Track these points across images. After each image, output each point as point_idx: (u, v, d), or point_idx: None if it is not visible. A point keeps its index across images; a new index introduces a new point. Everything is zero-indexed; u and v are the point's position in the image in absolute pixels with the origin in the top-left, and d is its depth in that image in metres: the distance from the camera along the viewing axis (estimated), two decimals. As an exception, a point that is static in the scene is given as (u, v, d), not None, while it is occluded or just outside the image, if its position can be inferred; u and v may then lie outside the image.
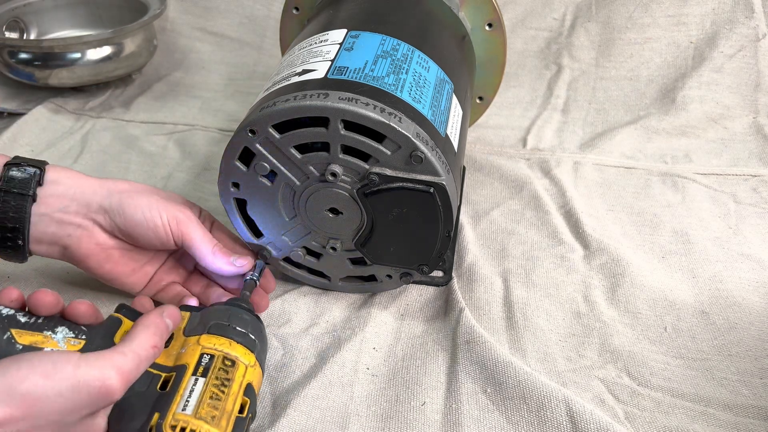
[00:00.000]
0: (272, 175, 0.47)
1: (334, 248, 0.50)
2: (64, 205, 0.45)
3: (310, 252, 0.52)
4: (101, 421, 0.35)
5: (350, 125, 0.43)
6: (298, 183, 0.47)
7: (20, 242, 0.45)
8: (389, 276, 0.51)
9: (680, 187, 0.68)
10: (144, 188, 0.48)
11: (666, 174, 0.70)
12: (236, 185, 0.48)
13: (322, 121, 0.43)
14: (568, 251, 0.58)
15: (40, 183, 0.45)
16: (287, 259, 0.53)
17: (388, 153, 0.43)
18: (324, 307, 0.53)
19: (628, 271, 0.55)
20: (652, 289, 0.54)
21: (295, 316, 0.52)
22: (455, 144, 0.49)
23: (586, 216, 0.62)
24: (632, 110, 0.81)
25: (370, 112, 0.42)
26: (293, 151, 0.45)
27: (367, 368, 0.47)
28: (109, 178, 0.49)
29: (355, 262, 0.51)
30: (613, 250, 0.57)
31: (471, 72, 0.62)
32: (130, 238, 0.47)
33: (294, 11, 0.66)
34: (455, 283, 0.54)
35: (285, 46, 0.69)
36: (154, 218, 0.45)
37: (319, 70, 0.46)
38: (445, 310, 0.52)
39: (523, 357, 0.48)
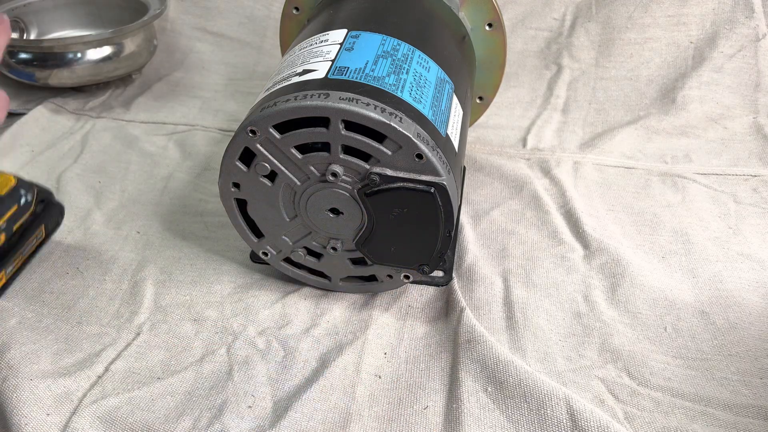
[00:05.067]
0: (273, 175, 0.47)
1: (334, 248, 0.50)
2: None
3: (310, 252, 0.52)
4: None
5: (351, 125, 0.43)
6: (298, 183, 0.47)
7: None
8: (390, 276, 0.51)
9: (680, 187, 0.68)
10: None
11: (666, 174, 0.70)
12: (237, 185, 0.48)
13: (322, 122, 0.43)
14: (568, 251, 0.58)
15: None
16: (288, 260, 0.53)
17: (389, 153, 0.43)
18: (324, 308, 0.53)
19: (628, 271, 0.55)
20: (652, 289, 0.54)
21: (296, 318, 0.52)
22: (456, 144, 0.49)
23: (586, 216, 0.62)
24: (632, 110, 0.81)
25: (370, 112, 0.42)
26: (294, 151, 0.45)
27: (370, 370, 0.47)
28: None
29: (355, 262, 0.51)
30: (613, 250, 0.57)
31: (471, 72, 0.62)
32: None
33: (294, 11, 0.66)
34: (456, 283, 0.54)
35: (285, 46, 0.69)
36: None
37: (320, 70, 0.46)
38: (446, 310, 0.52)
39: (523, 357, 0.48)
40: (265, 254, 0.52)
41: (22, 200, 0.50)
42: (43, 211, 0.54)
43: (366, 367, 0.47)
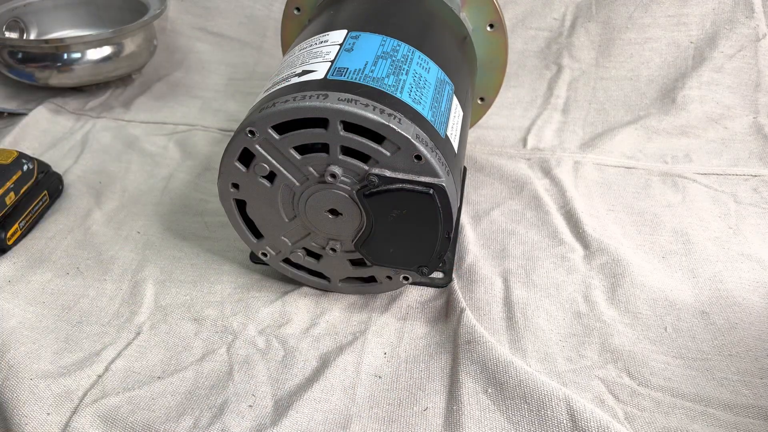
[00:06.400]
0: (272, 176, 0.47)
1: (333, 249, 0.50)
2: None
3: (309, 253, 0.52)
4: None
5: (350, 126, 0.43)
6: (297, 184, 0.47)
7: None
8: (389, 277, 0.51)
9: (680, 187, 0.68)
10: None
11: (666, 174, 0.70)
12: (236, 186, 0.48)
13: (321, 122, 0.43)
14: (569, 251, 0.58)
15: None
16: (287, 260, 0.53)
17: (388, 154, 0.43)
18: (324, 308, 0.53)
19: (628, 271, 0.55)
20: (652, 289, 0.54)
21: (296, 316, 0.52)
22: (455, 145, 0.49)
23: (586, 216, 0.62)
24: (632, 110, 0.81)
25: (369, 113, 0.42)
26: (293, 152, 0.45)
27: (370, 370, 0.47)
28: None
29: (354, 263, 0.51)
30: (614, 250, 0.57)
31: (472, 73, 0.62)
32: None
33: (295, 12, 0.66)
34: (456, 283, 0.54)
35: (286, 47, 0.69)
36: None
37: (319, 71, 0.46)
38: (446, 310, 0.52)
39: (524, 357, 0.48)
40: (265, 255, 0.52)
41: (25, 167, 0.61)
42: (44, 179, 0.64)
43: (366, 367, 0.48)
